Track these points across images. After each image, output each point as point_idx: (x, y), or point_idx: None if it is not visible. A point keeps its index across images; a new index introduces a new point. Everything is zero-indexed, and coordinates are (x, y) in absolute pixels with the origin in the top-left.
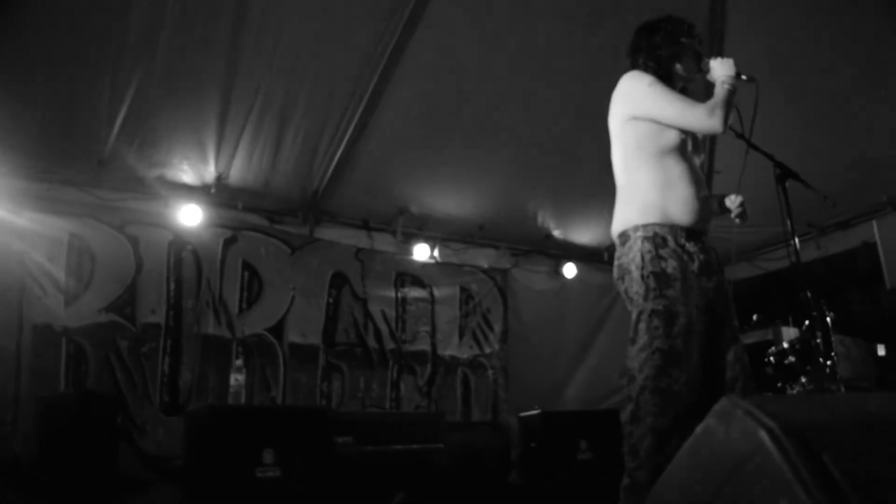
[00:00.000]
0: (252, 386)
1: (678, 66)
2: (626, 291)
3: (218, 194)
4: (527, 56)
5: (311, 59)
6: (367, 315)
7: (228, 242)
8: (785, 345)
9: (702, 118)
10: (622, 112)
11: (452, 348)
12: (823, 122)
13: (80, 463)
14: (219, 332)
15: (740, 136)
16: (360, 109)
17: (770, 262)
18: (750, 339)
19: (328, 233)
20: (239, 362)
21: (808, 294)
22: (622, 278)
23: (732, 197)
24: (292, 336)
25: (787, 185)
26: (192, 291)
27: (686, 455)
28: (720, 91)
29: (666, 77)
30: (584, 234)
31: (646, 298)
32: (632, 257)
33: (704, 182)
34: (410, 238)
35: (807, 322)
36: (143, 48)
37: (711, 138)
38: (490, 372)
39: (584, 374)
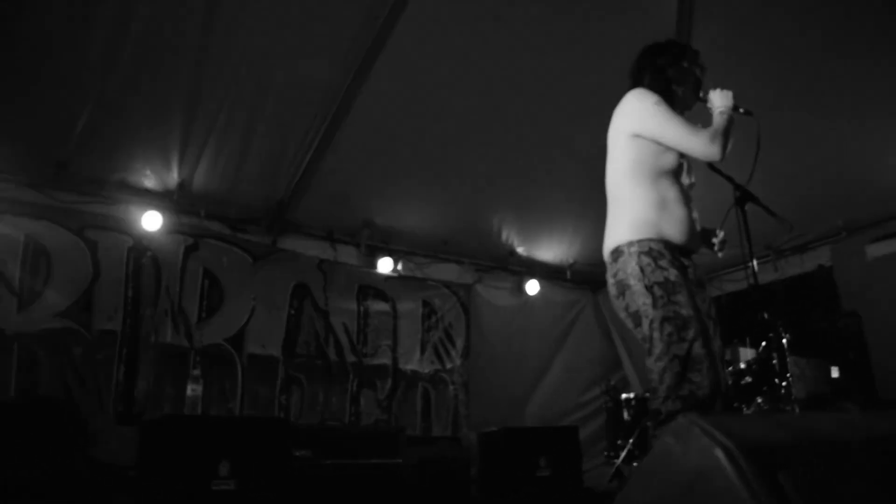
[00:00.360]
0: (209, 397)
1: (679, 90)
2: (626, 308)
3: (180, 201)
4: (495, 73)
5: (280, 69)
6: (329, 327)
7: (189, 250)
8: (742, 365)
9: (704, 144)
10: (625, 128)
11: (414, 363)
12: (781, 145)
13: (28, 471)
14: (177, 341)
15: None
16: (328, 120)
17: (729, 284)
18: None
19: (291, 243)
20: (196, 372)
21: (766, 315)
22: (622, 294)
23: (718, 233)
24: (252, 347)
25: (745, 208)
26: (151, 299)
27: (643, 473)
28: (719, 120)
29: (668, 100)
30: (547, 252)
31: (654, 307)
32: (630, 272)
33: (692, 203)
34: (374, 251)
35: (763, 343)
36: (109, 53)
37: None
38: (451, 387)
39: (546, 391)
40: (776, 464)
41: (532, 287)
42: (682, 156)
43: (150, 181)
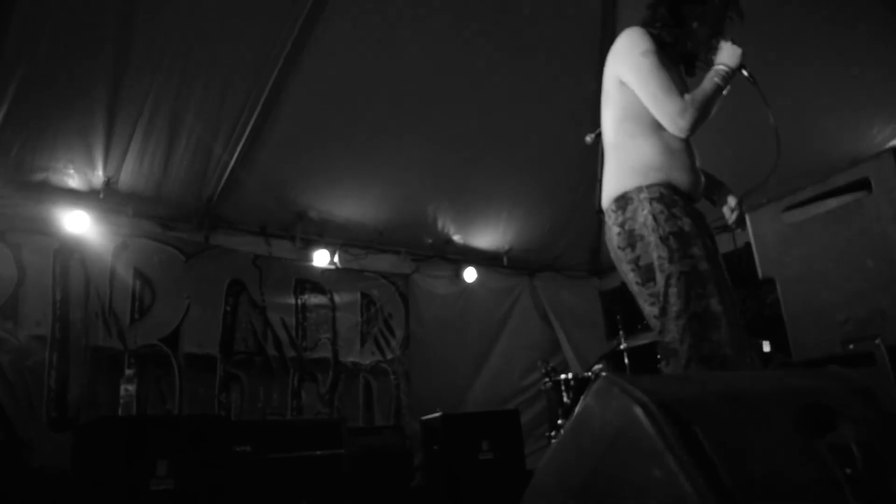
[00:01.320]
0: (146, 399)
1: (696, 25)
2: (636, 260)
3: (107, 200)
4: (425, 60)
5: (204, 61)
6: (267, 323)
7: (119, 250)
8: None
9: (673, 113)
10: (615, 72)
11: (354, 355)
12: (708, 123)
13: None
14: (109, 343)
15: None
16: (256, 112)
17: None
18: (644, 339)
19: (224, 239)
20: (130, 372)
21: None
22: (630, 246)
23: (730, 200)
24: (188, 346)
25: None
26: (80, 302)
27: (568, 434)
28: (706, 85)
29: (673, 42)
30: (483, 239)
31: (671, 261)
32: (642, 220)
33: (690, 146)
34: (310, 244)
35: None
36: (25, 48)
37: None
38: (392, 377)
39: (487, 378)
40: (691, 417)
41: (470, 274)
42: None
43: (74, 180)
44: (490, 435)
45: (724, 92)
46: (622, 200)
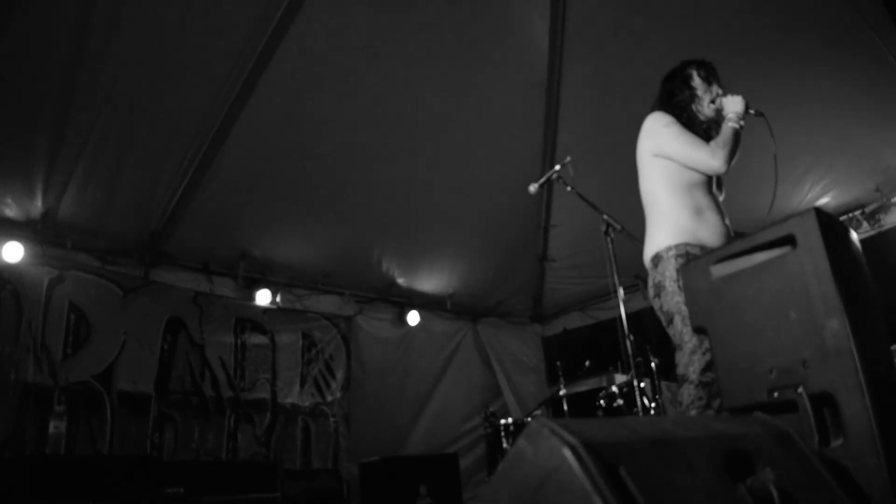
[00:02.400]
0: (75, 437)
1: (694, 108)
2: (661, 308)
3: (44, 231)
4: (374, 106)
5: (153, 96)
6: (205, 362)
7: (54, 283)
8: (614, 388)
9: (705, 158)
10: (647, 149)
11: (293, 396)
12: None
13: None
14: (40, 379)
15: (572, 188)
16: (204, 149)
17: (601, 312)
18: (585, 386)
19: (165, 275)
20: (60, 408)
21: (631, 341)
22: (658, 296)
23: None
24: (122, 384)
25: (612, 237)
26: (11, 335)
27: (500, 474)
28: (725, 129)
29: (688, 120)
30: (428, 282)
31: (686, 303)
32: (667, 274)
33: (717, 204)
34: (252, 283)
35: (632, 369)
36: None
37: (548, 192)
38: (332, 420)
39: (427, 421)
40: (617, 459)
41: (413, 318)
42: None
43: (10, 210)
44: (428, 479)
45: (741, 130)
46: (656, 259)
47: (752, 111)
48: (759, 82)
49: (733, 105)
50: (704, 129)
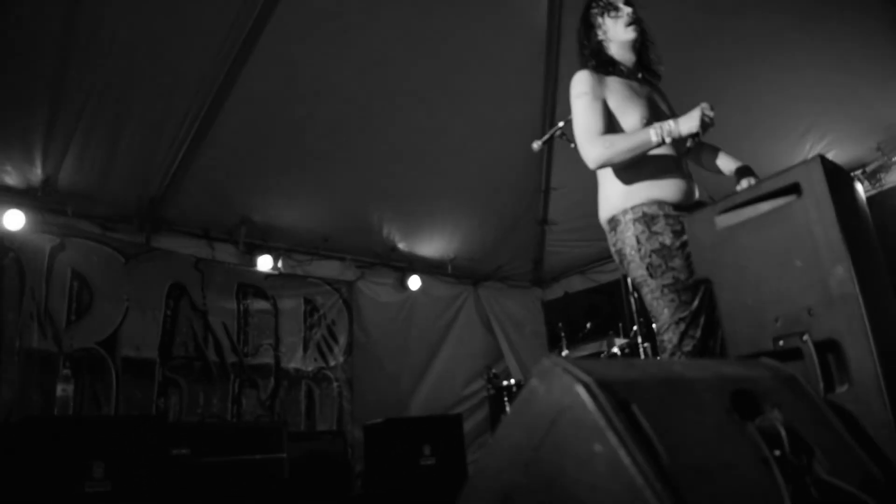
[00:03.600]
0: (80, 403)
1: (611, 50)
2: (627, 275)
3: (45, 198)
4: (373, 67)
5: (150, 59)
6: (207, 327)
7: (56, 250)
8: (615, 350)
9: (586, 147)
10: None
11: (296, 361)
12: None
13: None
14: (44, 346)
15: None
16: (202, 113)
17: (602, 275)
18: (586, 349)
19: (166, 242)
20: (66, 371)
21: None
22: (621, 263)
23: (744, 183)
24: (126, 350)
25: None
26: (14, 302)
27: (513, 413)
28: (640, 136)
29: (605, 65)
30: (428, 247)
31: (654, 276)
32: (626, 241)
33: (683, 161)
34: (253, 249)
35: (634, 328)
36: None
37: (548, 155)
38: (335, 384)
39: (430, 385)
40: (630, 397)
41: (414, 282)
42: (653, 112)
43: (11, 178)
44: (432, 440)
45: (656, 146)
46: (613, 222)
47: (689, 142)
48: (762, 41)
49: (685, 122)
50: (637, 55)
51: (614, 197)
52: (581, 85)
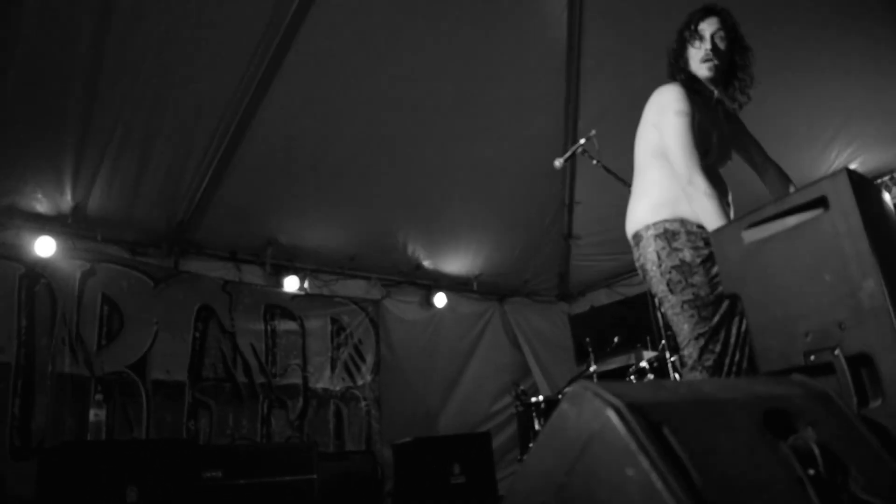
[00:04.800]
0: (112, 426)
1: (691, 64)
2: (651, 290)
3: (75, 225)
4: (397, 88)
5: (176, 85)
6: (236, 349)
7: (86, 275)
8: (644, 364)
9: (682, 174)
10: (651, 120)
11: (324, 381)
12: None
13: None
14: (76, 370)
15: (598, 161)
16: (228, 138)
17: (628, 288)
18: (614, 363)
19: (194, 265)
20: (99, 397)
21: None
22: (644, 278)
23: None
24: (156, 373)
25: None
26: (47, 328)
27: (544, 438)
28: (708, 216)
29: (693, 79)
30: (453, 264)
31: (673, 293)
32: (648, 257)
33: (723, 183)
34: (280, 270)
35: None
36: None
37: (571, 169)
38: (363, 403)
39: (457, 402)
40: (661, 420)
41: (440, 300)
42: (707, 138)
43: (42, 205)
44: (461, 458)
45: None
46: (636, 238)
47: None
48: (786, 47)
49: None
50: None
51: (640, 212)
52: (680, 103)
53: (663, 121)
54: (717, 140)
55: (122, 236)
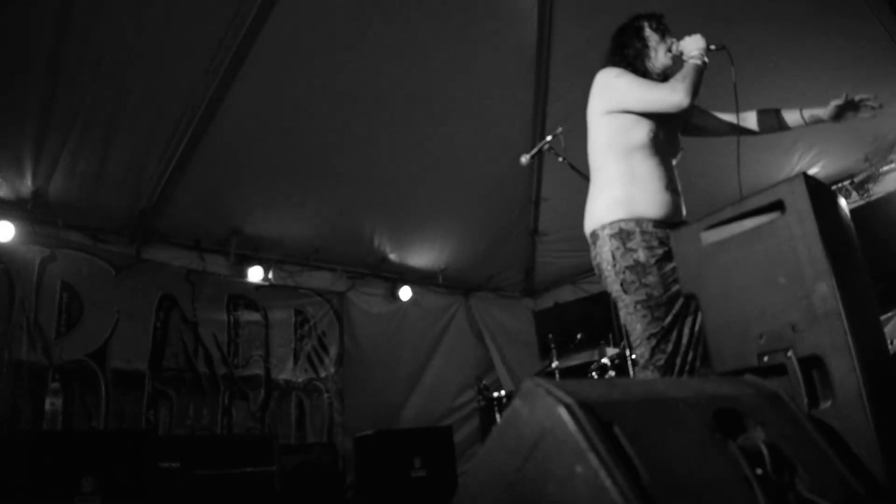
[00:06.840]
0: (70, 415)
1: (648, 63)
2: (607, 289)
3: (35, 210)
4: (364, 79)
5: (141, 72)
6: (198, 339)
7: (46, 261)
8: (605, 360)
9: (664, 96)
10: (597, 107)
11: (287, 372)
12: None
13: None
14: (33, 357)
15: (564, 159)
16: (193, 125)
17: (592, 285)
18: (577, 359)
19: (157, 253)
20: (55, 385)
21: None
22: (600, 277)
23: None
24: (116, 362)
25: None
26: (4, 314)
27: (497, 434)
28: (687, 66)
29: (641, 74)
30: (419, 258)
31: (627, 292)
32: (604, 256)
33: (675, 177)
34: (244, 260)
35: (623, 340)
36: None
37: (538, 165)
38: (326, 395)
39: (421, 396)
40: (611, 417)
41: (405, 293)
42: (656, 129)
43: (1, 189)
44: (423, 452)
45: (704, 67)
46: (593, 237)
47: (713, 47)
48: (742, 52)
49: (694, 43)
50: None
51: (597, 211)
52: (614, 69)
53: (610, 90)
54: (658, 129)
55: (83, 222)
